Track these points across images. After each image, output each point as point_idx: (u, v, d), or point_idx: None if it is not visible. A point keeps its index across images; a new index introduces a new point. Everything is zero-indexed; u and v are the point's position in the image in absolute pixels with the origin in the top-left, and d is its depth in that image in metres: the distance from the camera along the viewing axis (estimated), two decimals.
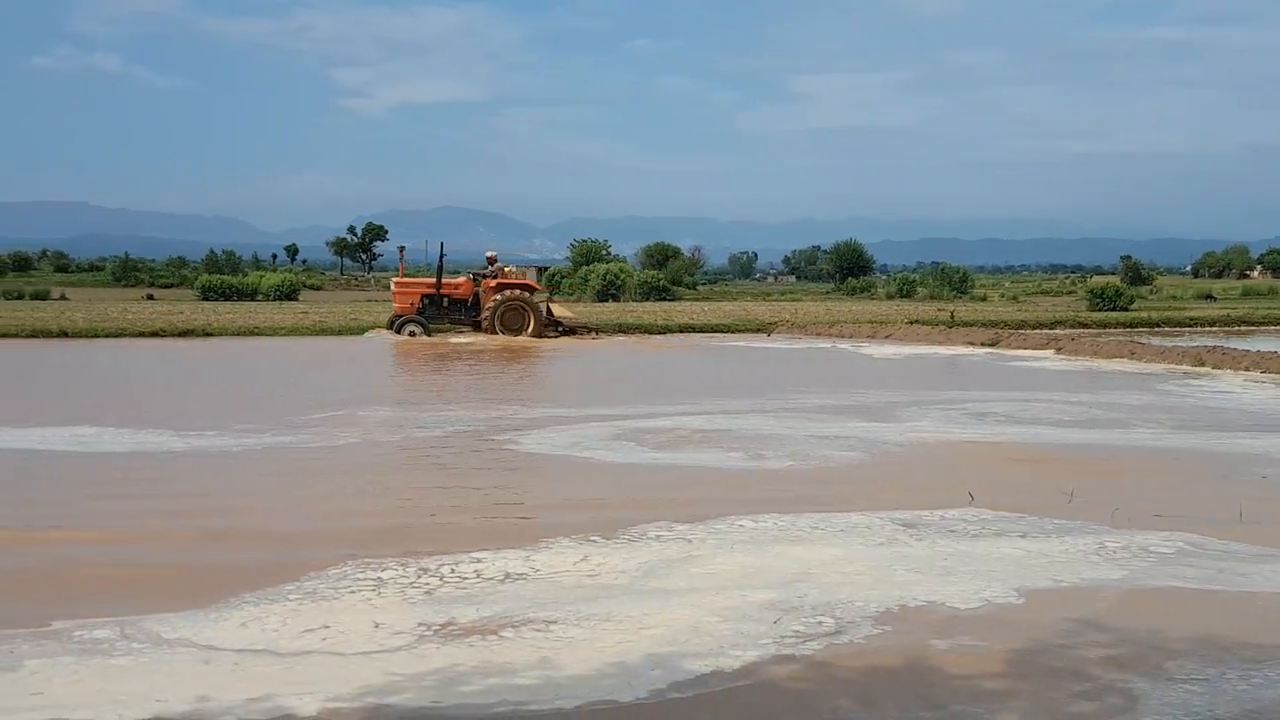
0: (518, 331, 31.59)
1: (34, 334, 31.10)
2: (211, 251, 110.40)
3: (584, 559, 8.00)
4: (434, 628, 6.52)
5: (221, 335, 32.52)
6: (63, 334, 31.28)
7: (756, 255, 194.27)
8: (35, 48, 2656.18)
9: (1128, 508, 9.82)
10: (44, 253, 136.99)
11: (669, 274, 72.40)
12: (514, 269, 35.40)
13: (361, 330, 33.67)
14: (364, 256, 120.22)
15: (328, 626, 6.50)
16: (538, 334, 31.76)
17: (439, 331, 32.29)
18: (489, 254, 34.32)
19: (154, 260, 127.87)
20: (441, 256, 34.02)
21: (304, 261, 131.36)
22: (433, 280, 33.45)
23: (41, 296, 61.08)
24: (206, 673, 5.79)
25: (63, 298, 58.64)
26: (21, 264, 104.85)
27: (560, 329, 33.01)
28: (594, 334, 34.00)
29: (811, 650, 6.24)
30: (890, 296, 69.74)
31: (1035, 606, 7.09)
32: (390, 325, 32.81)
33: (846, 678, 5.89)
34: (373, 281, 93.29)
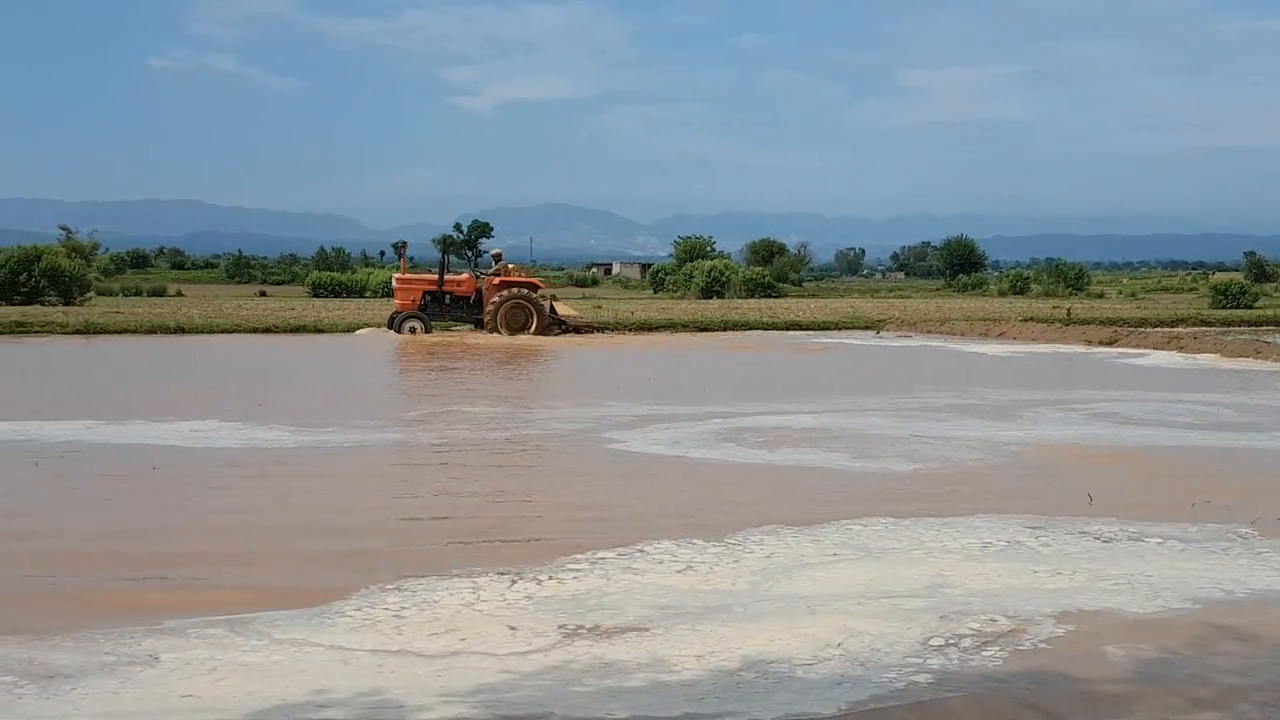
0: (520, 330, 31.17)
1: (152, 330, 31.82)
2: (321, 249, 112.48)
3: (687, 567, 7.70)
4: (554, 631, 6.37)
5: (331, 331, 32.96)
6: (179, 330, 31.95)
7: (864, 251, 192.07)
8: (152, 49, 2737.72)
9: (1269, 515, 9.33)
10: (160, 250, 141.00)
11: (774, 271, 71.80)
12: (516, 266, 35.01)
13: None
14: (470, 254, 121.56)
15: (459, 632, 6.36)
16: (540, 333, 31.28)
17: (447, 330, 32.08)
18: (494, 251, 33.97)
19: (266, 257, 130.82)
20: (445, 255, 34.10)
21: (411, 258, 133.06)
22: (435, 276, 33.08)
23: (158, 293, 62.71)
24: (345, 671, 5.71)
25: (179, 294, 60.23)
26: (139, 261, 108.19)
27: (564, 328, 32.60)
28: (600, 333, 33.23)
29: (1002, 656, 5.99)
30: (1002, 294, 68.40)
31: (1217, 615, 6.72)
32: (391, 323, 32.40)
33: (1054, 683, 5.63)
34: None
